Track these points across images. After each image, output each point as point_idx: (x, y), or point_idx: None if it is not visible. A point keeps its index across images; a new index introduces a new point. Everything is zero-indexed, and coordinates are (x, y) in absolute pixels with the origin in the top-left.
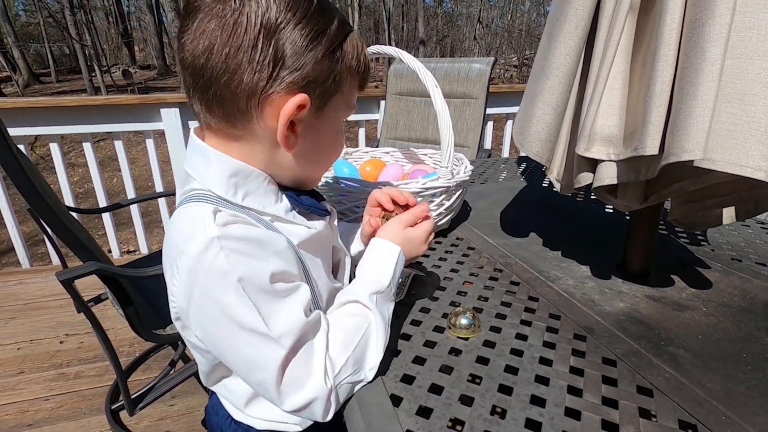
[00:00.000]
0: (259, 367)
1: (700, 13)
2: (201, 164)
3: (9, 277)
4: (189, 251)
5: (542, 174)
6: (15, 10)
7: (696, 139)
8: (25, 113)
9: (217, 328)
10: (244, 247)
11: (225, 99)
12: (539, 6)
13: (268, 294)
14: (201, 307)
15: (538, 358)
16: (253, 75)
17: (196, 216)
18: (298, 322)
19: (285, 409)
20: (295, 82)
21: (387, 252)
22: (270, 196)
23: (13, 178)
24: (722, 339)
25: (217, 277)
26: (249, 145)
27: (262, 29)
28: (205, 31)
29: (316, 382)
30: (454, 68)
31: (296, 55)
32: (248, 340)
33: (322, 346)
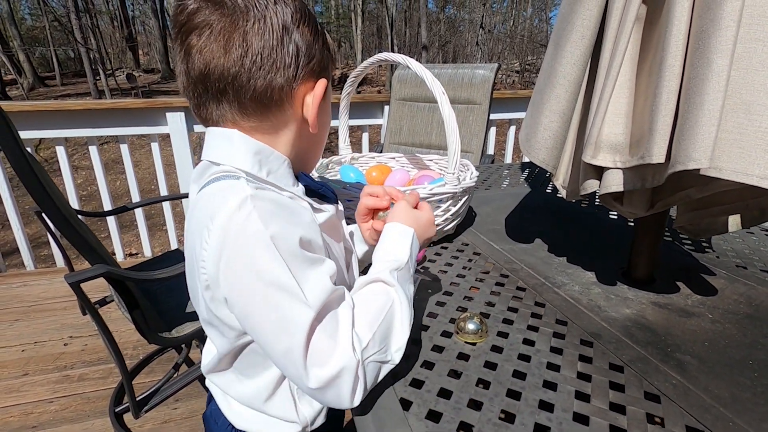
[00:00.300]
0: (288, 329)
1: (706, 24)
2: (224, 147)
3: (14, 279)
4: (222, 211)
5: (546, 180)
6: (21, 14)
7: (702, 148)
8: (32, 116)
9: (248, 287)
10: (276, 208)
11: (262, 96)
12: (541, 12)
13: (298, 258)
14: (231, 266)
15: (545, 363)
16: (285, 70)
17: (226, 185)
18: (326, 289)
19: (311, 385)
20: (313, 69)
21: (400, 235)
22: (289, 178)
23: (25, 181)
24: (728, 346)
25: (251, 234)
26: (274, 134)
27: (283, 30)
28: (232, 42)
29: (344, 352)
30: (458, 74)
31: (308, 47)
32: (279, 300)
33: (348, 318)
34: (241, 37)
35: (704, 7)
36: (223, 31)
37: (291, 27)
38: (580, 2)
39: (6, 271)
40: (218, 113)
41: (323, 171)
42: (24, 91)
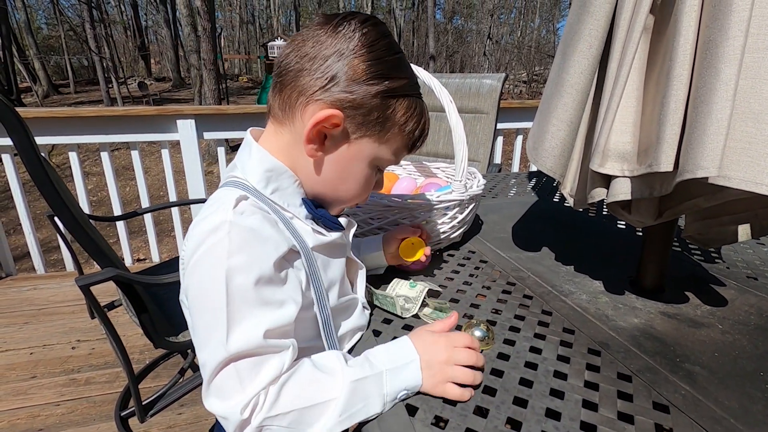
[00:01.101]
0: (206, 347)
1: (714, 34)
2: (244, 154)
3: (24, 282)
4: (202, 226)
5: (553, 188)
6: (37, 24)
7: (711, 157)
8: (46, 123)
9: (194, 296)
10: (250, 238)
11: (286, 88)
12: (549, 23)
13: (245, 298)
14: (190, 273)
15: (552, 371)
16: (310, 79)
17: (223, 197)
18: (257, 334)
19: (205, 404)
20: (340, 99)
21: (401, 351)
22: (296, 197)
23: (40, 186)
24: (739, 357)
25: (212, 258)
26: (285, 136)
27: (336, 52)
28: (300, 40)
29: (236, 405)
30: (465, 84)
31: (352, 81)
32: (208, 323)
33: (268, 377)
34: (307, 41)
35: (712, 18)
36: (305, 34)
37: (347, 55)
38: (587, 13)
39: (17, 275)
40: (270, 100)
41: None
42: (38, 98)
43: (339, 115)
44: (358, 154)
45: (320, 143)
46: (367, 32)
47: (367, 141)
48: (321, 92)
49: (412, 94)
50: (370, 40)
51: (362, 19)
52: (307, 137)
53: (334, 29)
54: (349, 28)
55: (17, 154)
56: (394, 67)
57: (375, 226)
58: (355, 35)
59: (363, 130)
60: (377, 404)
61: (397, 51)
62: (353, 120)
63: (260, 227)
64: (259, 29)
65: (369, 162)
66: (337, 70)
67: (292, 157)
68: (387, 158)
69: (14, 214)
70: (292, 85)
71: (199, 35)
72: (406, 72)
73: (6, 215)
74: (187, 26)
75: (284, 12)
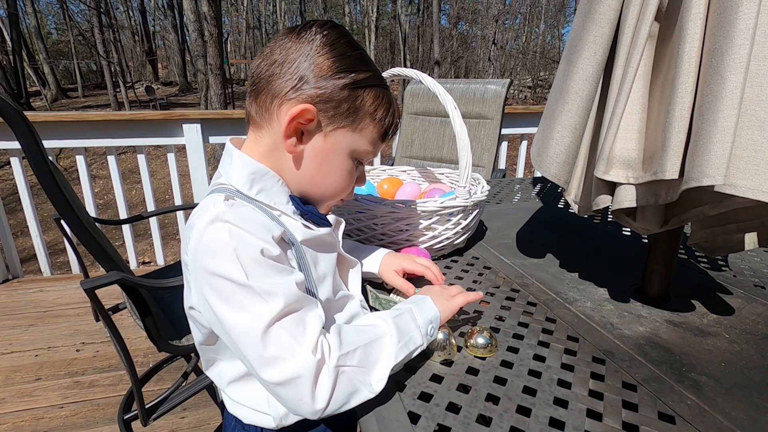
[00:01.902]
0: (245, 329)
1: (720, 42)
2: (226, 162)
3: (30, 284)
4: (198, 224)
5: (557, 195)
6: (47, 29)
7: (717, 165)
8: (55, 126)
9: (210, 290)
10: (244, 224)
11: (261, 94)
12: (554, 29)
13: (261, 265)
14: (199, 271)
15: (556, 380)
16: (282, 83)
17: (211, 200)
18: (290, 289)
19: (266, 378)
20: (311, 95)
21: (414, 296)
22: (282, 195)
23: (47, 189)
24: (746, 367)
25: (217, 246)
26: (265, 139)
27: (301, 55)
28: (269, 50)
29: (306, 355)
30: (470, 89)
31: (319, 78)
32: (241, 299)
33: (316, 324)
34: (275, 49)
35: (717, 25)
36: (272, 44)
37: (313, 56)
38: (592, 20)
39: (23, 277)
40: (247, 106)
41: None
42: (47, 102)
43: (312, 110)
44: (335, 146)
45: (298, 138)
46: (327, 33)
47: (342, 132)
48: (293, 92)
49: (378, 85)
50: (331, 40)
51: (321, 23)
52: (285, 133)
53: (297, 36)
54: (311, 32)
55: (25, 157)
56: (357, 61)
57: (378, 231)
58: (317, 38)
59: (336, 121)
60: (418, 335)
61: (358, 48)
62: (326, 113)
63: (252, 214)
64: (265, 34)
65: (347, 154)
66: (305, 70)
67: (274, 158)
68: (364, 149)
69: (22, 216)
70: (265, 91)
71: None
72: (370, 66)
73: (14, 218)
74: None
75: (290, 17)
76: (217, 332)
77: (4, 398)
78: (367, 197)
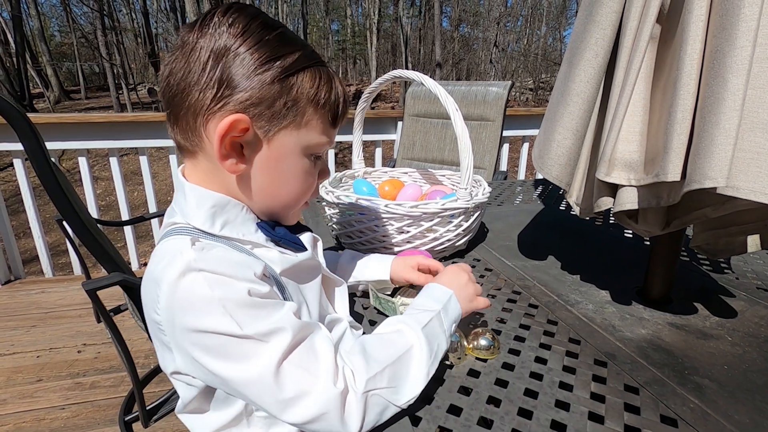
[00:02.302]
0: (256, 378)
1: (721, 44)
2: (180, 198)
3: (32, 285)
4: (167, 278)
5: (559, 197)
6: (50, 31)
7: (719, 167)
8: (57, 128)
9: (200, 350)
10: (221, 268)
11: (180, 116)
12: (555, 31)
13: (251, 307)
14: (180, 332)
15: (558, 382)
16: (199, 94)
17: (173, 246)
18: (290, 321)
19: (291, 421)
20: (238, 102)
21: (439, 292)
22: (249, 224)
23: (49, 191)
24: (749, 370)
25: (197, 300)
26: (204, 164)
27: (211, 54)
28: (172, 59)
29: (324, 389)
30: (472, 91)
31: (242, 78)
32: (236, 352)
33: (328, 349)
34: (178, 55)
35: (719, 27)
36: (174, 50)
37: (224, 52)
38: (593, 22)
39: (25, 278)
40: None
41: (336, 185)
42: (50, 103)
43: (243, 119)
44: (283, 149)
45: (238, 155)
46: (234, 20)
47: (286, 133)
48: (215, 103)
49: (310, 65)
50: (241, 27)
51: (224, 10)
52: (220, 154)
53: (200, 30)
54: (214, 23)
55: (28, 159)
56: (278, 44)
57: (380, 233)
58: (223, 29)
59: (276, 123)
60: (444, 340)
61: (276, 27)
62: (261, 117)
63: (227, 254)
64: None
65: (299, 153)
66: (221, 73)
67: (221, 181)
68: (317, 141)
69: (24, 218)
70: (184, 110)
71: None
72: (295, 44)
73: (16, 219)
74: None
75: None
76: (217, 386)
77: (5, 399)
78: (368, 199)
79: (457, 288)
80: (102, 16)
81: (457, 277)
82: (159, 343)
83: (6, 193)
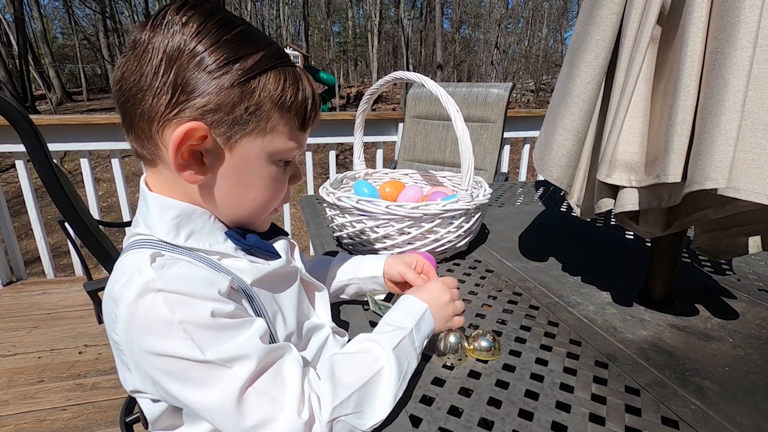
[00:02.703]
0: (216, 405)
1: (722, 45)
2: (143, 208)
3: (34, 286)
4: (125, 298)
5: (560, 198)
6: (53, 33)
7: (720, 168)
8: (59, 130)
9: (160, 373)
10: (182, 287)
11: (134, 123)
12: (556, 33)
13: (214, 329)
14: (139, 354)
15: (558, 383)
16: (152, 100)
17: (133, 262)
18: (255, 346)
19: None
20: (194, 107)
21: (411, 304)
22: (217, 234)
23: (51, 192)
24: (751, 372)
25: (156, 323)
26: (165, 173)
27: (164, 56)
28: (124, 61)
29: (289, 418)
30: (473, 93)
31: (198, 82)
32: (196, 377)
33: (296, 375)
34: (129, 56)
35: (720, 28)
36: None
37: (177, 54)
38: (594, 23)
39: (27, 279)
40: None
41: (337, 186)
42: (52, 105)
43: (199, 126)
44: (247, 157)
45: (198, 164)
46: (189, 18)
47: (250, 139)
48: (170, 109)
49: (274, 65)
50: (196, 27)
51: (177, 6)
52: (176, 164)
53: (152, 29)
54: (168, 21)
55: (30, 160)
56: (238, 43)
57: (381, 234)
58: (176, 28)
59: (238, 129)
60: (414, 358)
61: (237, 24)
62: (220, 124)
63: (189, 271)
64: None
65: (265, 160)
66: (175, 77)
67: (184, 189)
68: (284, 147)
69: (26, 219)
70: (138, 117)
71: None
72: (258, 43)
73: (18, 220)
74: None
75: (293, 21)
76: (179, 407)
77: (7, 400)
78: (369, 200)
79: (436, 306)
80: (104, 18)
81: (439, 295)
82: (119, 360)
83: (8, 194)
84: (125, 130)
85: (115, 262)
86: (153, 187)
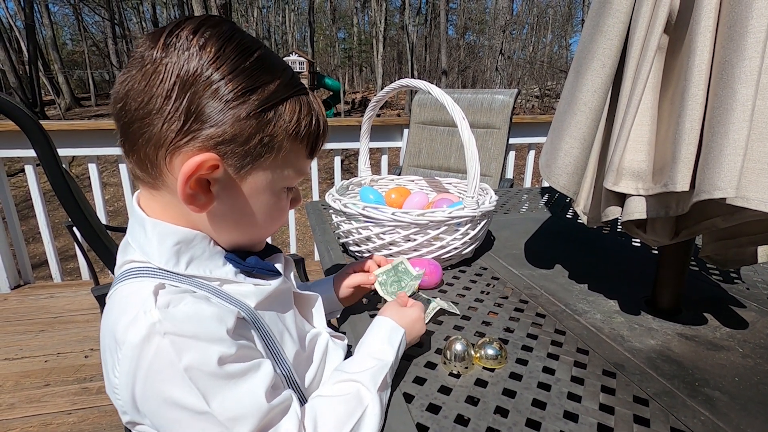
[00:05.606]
0: None
1: (730, 55)
2: (139, 233)
3: (41, 290)
4: (129, 340)
5: (566, 205)
6: (62, 40)
7: (728, 177)
8: (68, 135)
9: (167, 422)
10: (190, 329)
11: (137, 146)
12: (561, 39)
13: (220, 379)
14: (147, 401)
15: (566, 393)
16: (162, 125)
17: (135, 298)
18: (258, 406)
19: None
20: (208, 137)
21: (391, 332)
22: (217, 258)
23: (60, 196)
24: (761, 382)
25: (162, 368)
26: (167, 197)
27: (178, 80)
28: (128, 78)
29: None
30: (477, 99)
31: (214, 111)
32: (196, 429)
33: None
34: (136, 73)
35: (727, 38)
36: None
37: (192, 80)
38: (600, 32)
39: (34, 283)
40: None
41: (343, 192)
42: (61, 111)
43: (213, 158)
44: (255, 187)
45: (205, 192)
46: (206, 42)
47: (260, 171)
48: (182, 137)
49: (291, 95)
50: (214, 53)
51: (194, 27)
52: (184, 195)
53: (165, 48)
54: (182, 40)
55: (40, 164)
56: (257, 71)
57: (387, 241)
58: (193, 51)
59: (250, 161)
60: (390, 384)
61: (254, 49)
62: (233, 155)
63: (196, 310)
64: (274, 44)
65: (271, 190)
66: (189, 103)
67: (185, 214)
68: (291, 177)
69: (34, 223)
70: (144, 141)
71: None
72: (275, 71)
73: (26, 224)
74: None
75: (299, 28)
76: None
77: (13, 404)
78: (375, 207)
79: (410, 325)
80: (113, 24)
81: (408, 313)
82: (112, 394)
83: (17, 198)
84: (125, 151)
85: (111, 290)
86: (149, 211)
